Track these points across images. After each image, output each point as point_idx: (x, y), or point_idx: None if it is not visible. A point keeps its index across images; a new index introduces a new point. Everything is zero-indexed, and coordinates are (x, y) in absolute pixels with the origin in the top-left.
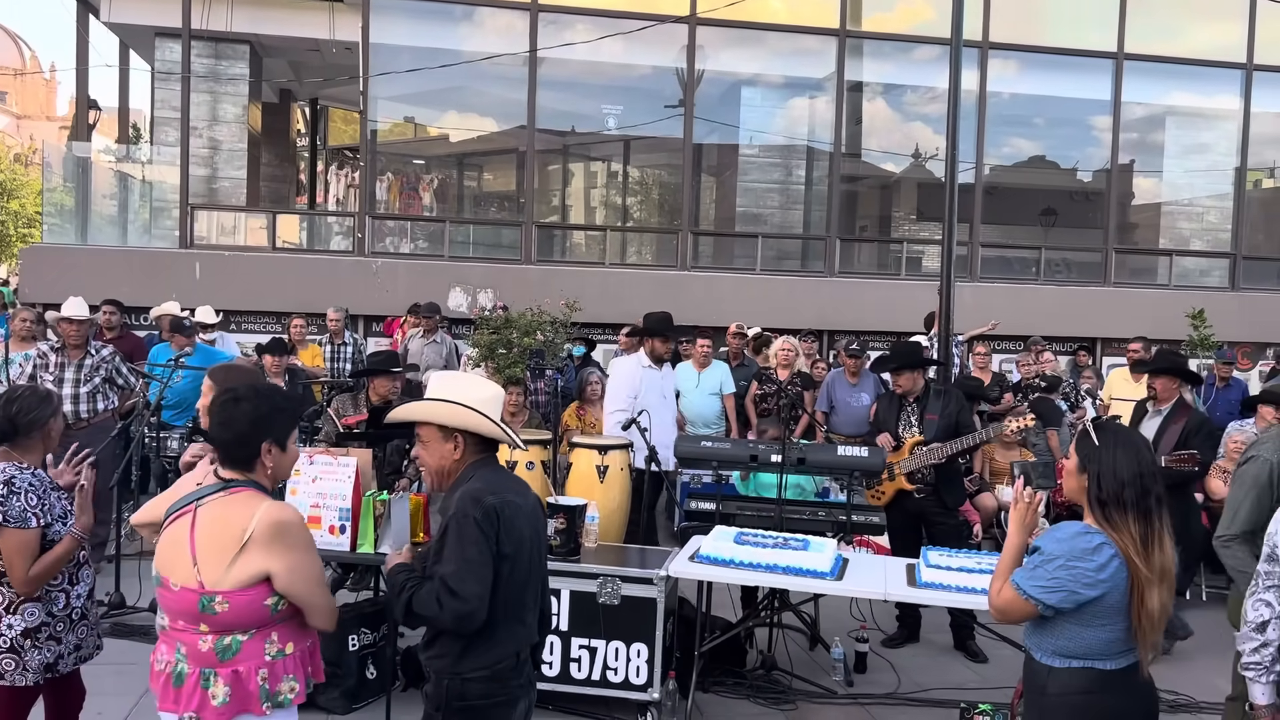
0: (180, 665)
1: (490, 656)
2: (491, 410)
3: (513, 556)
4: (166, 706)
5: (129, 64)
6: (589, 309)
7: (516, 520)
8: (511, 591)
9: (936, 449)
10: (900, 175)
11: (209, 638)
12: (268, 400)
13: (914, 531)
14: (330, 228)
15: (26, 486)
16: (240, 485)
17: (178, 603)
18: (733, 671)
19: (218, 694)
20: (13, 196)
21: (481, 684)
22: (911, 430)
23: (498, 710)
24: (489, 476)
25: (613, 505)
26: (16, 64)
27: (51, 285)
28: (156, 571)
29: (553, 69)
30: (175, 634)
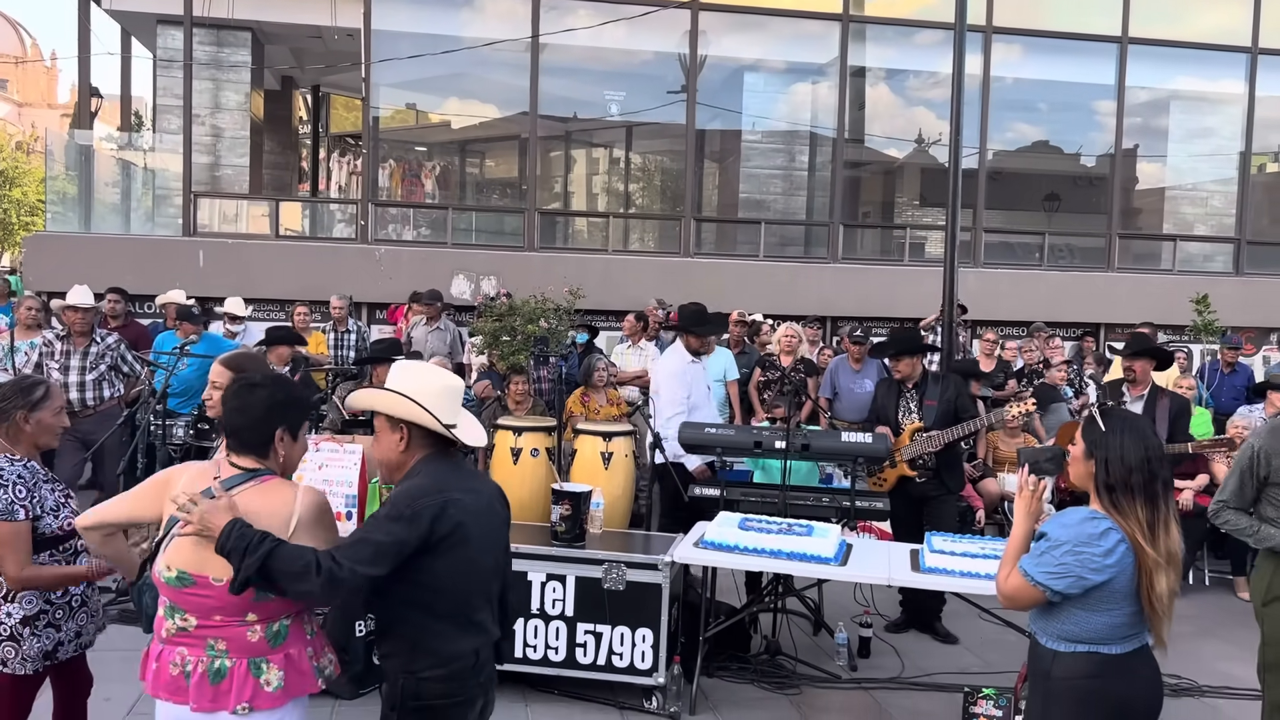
0: (219, 662)
1: (443, 655)
2: (441, 403)
3: (454, 555)
4: (203, 706)
5: (131, 51)
6: (592, 296)
7: (461, 518)
8: (459, 591)
9: (937, 435)
10: (903, 161)
11: (258, 627)
12: (284, 388)
13: (916, 517)
14: (333, 215)
15: (15, 479)
16: (266, 474)
17: (223, 597)
18: (737, 656)
19: (271, 680)
20: (15, 185)
21: (439, 684)
22: (911, 417)
23: (455, 710)
24: (436, 472)
25: (617, 492)
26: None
27: (55, 273)
28: (182, 571)
29: (554, 55)
30: (208, 631)
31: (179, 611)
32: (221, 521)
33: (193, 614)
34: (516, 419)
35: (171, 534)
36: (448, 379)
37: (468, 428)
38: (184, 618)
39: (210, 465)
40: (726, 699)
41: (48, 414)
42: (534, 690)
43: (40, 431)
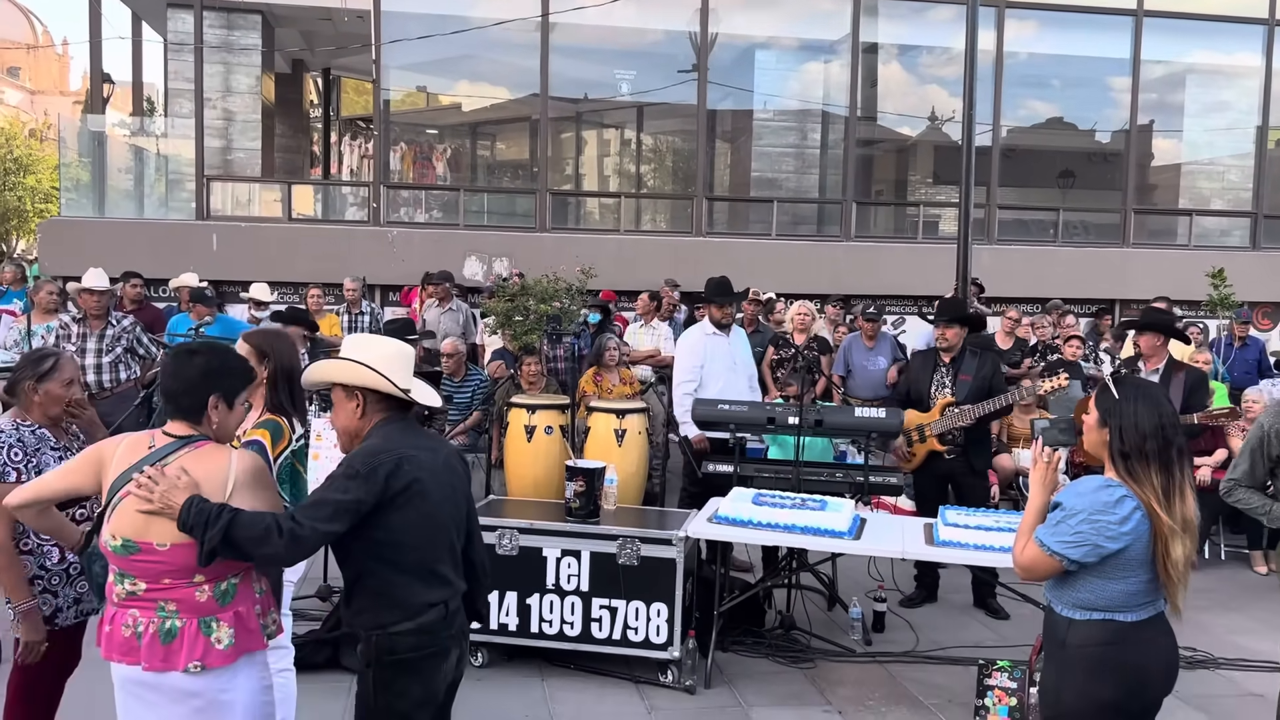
0: (169, 622)
1: (411, 608)
2: (392, 367)
3: (411, 509)
4: (154, 665)
5: (141, 36)
6: (604, 276)
7: (417, 474)
8: (420, 545)
9: (968, 410)
10: (916, 138)
11: (206, 587)
12: (220, 357)
13: (941, 494)
14: (345, 198)
15: (13, 441)
16: (200, 440)
17: (169, 561)
18: (752, 631)
19: (222, 638)
20: (29, 172)
21: (410, 637)
22: (944, 391)
23: (429, 661)
24: (390, 433)
25: (631, 468)
26: (29, 39)
27: (70, 258)
28: (126, 539)
29: (564, 35)
30: (157, 594)
31: (128, 577)
32: (180, 499)
33: (141, 579)
34: (530, 397)
35: (114, 504)
36: (399, 345)
37: (422, 390)
38: (133, 583)
39: (145, 435)
40: (741, 673)
41: (56, 385)
42: (550, 665)
43: (49, 402)
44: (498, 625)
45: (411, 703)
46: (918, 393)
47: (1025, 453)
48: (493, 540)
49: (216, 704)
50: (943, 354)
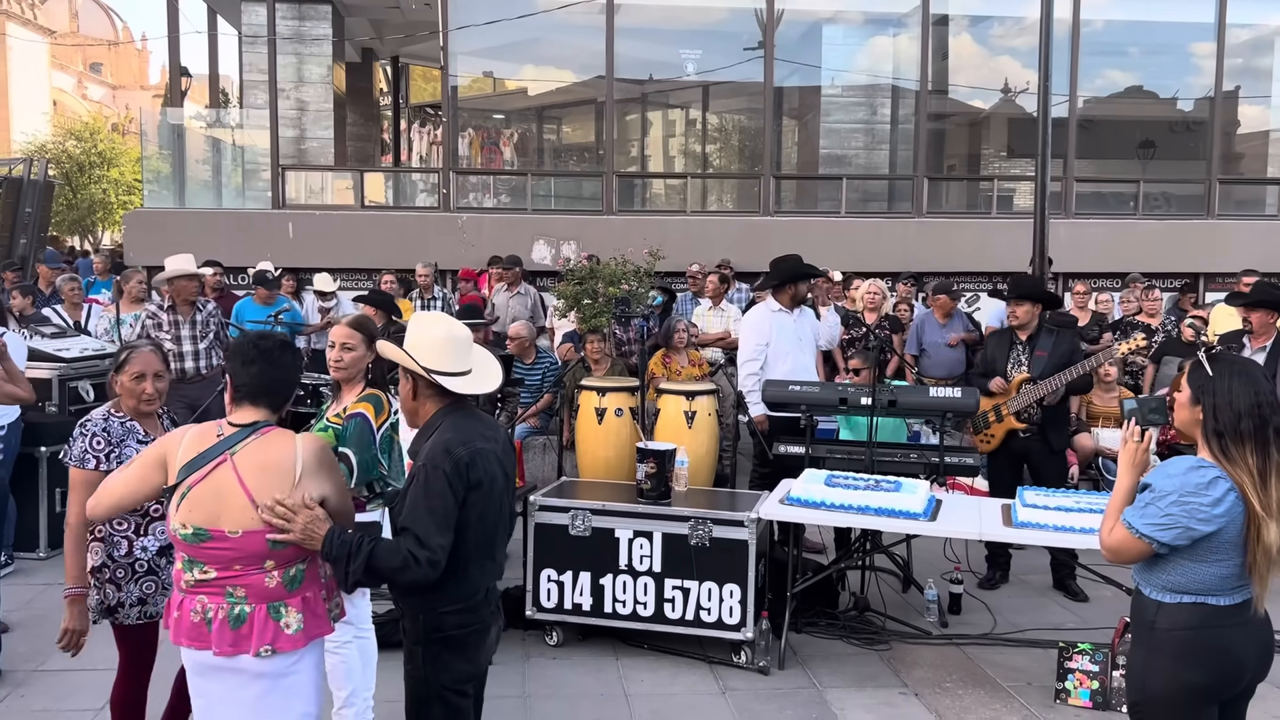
0: (238, 608)
1: (462, 592)
2: (437, 351)
3: (484, 500)
4: (224, 650)
5: (217, 29)
6: (672, 257)
7: (488, 465)
8: (484, 532)
9: (1044, 384)
10: (989, 111)
11: (275, 573)
12: (293, 353)
13: (1017, 474)
14: (415, 185)
15: (98, 430)
16: (265, 425)
17: (241, 548)
18: (825, 613)
19: (291, 623)
20: (112, 165)
21: (457, 615)
22: (1020, 368)
23: (474, 637)
24: (459, 423)
25: (701, 450)
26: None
27: (154, 248)
28: (198, 528)
29: (629, 16)
30: (226, 581)
31: (198, 564)
32: (322, 531)
33: (212, 566)
34: (600, 380)
35: (183, 493)
36: (451, 331)
37: (475, 377)
38: (203, 570)
39: (211, 425)
40: (815, 654)
41: (126, 377)
42: (624, 645)
43: (123, 394)
44: (572, 605)
45: (458, 676)
46: (994, 372)
47: (1105, 432)
48: (565, 521)
49: (284, 685)
50: (1019, 332)
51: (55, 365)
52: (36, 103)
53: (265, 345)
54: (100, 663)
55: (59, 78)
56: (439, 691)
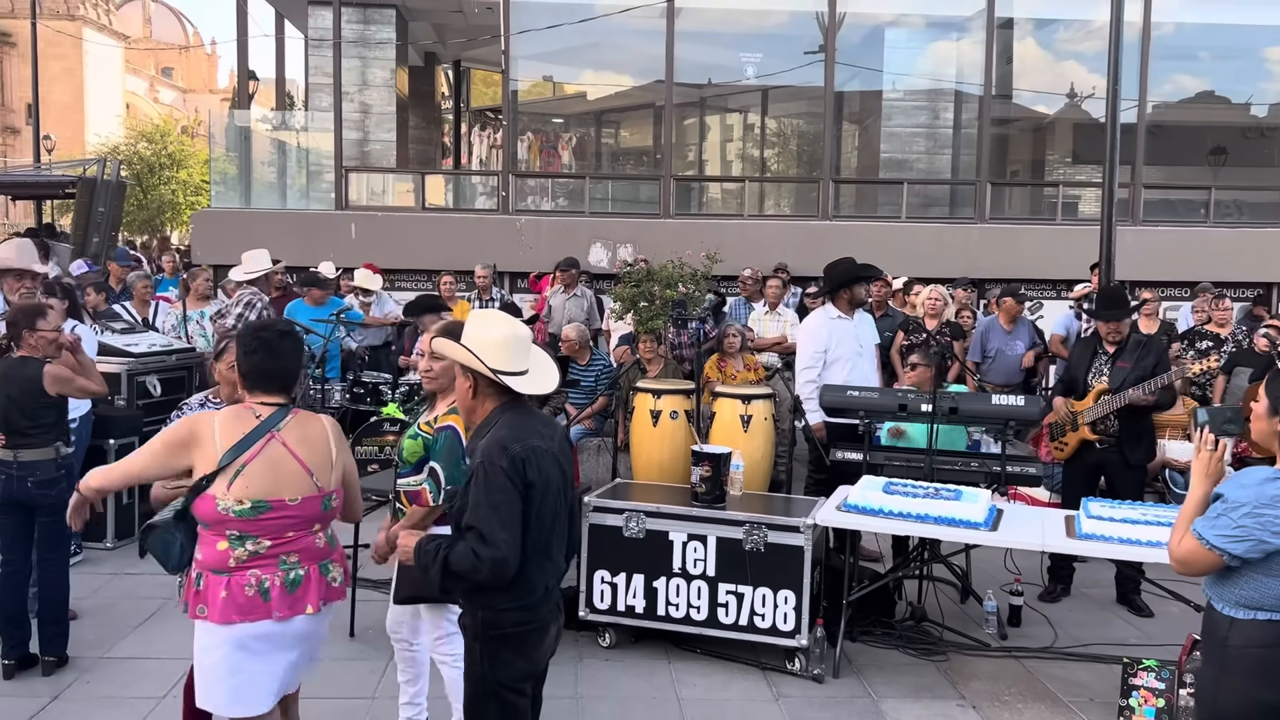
0: (293, 572)
1: (521, 591)
2: (498, 351)
3: (541, 498)
4: (284, 613)
5: (284, 33)
6: (729, 260)
7: (544, 464)
8: (540, 531)
9: (1121, 396)
10: (1055, 116)
11: (321, 535)
12: (297, 341)
13: (1090, 487)
14: (475, 188)
15: (189, 414)
16: (292, 406)
17: (300, 513)
18: (881, 622)
19: (337, 577)
20: (181, 166)
21: (516, 613)
22: (1101, 378)
23: (533, 636)
24: (514, 422)
25: (757, 454)
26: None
27: (220, 247)
28: (257, 500)
29: (689, 20)
30: (279, 549)
31: (250, 538)
32: (412, 543)
33: (265, 537)
34: (656, 381)
35: (238, 471)
36: (512, 330)
37: (533, 377)
38: (255, 542)
39: (242, 408)
40: (871, 663)
41: (223, 365)
42: (676, 648)
43: (222, 381)
44: (625, 607)
45: (515, 674)
46: (1073, 379)
47: (1172, 443)
48: (619, 523)
49: (315, 642)
50: (1106, 342)
51: (124, 360)
52: (110, 106)
53: (265, 335)
54: (165, 651)
55: (132, 81)
56: (495, 689)
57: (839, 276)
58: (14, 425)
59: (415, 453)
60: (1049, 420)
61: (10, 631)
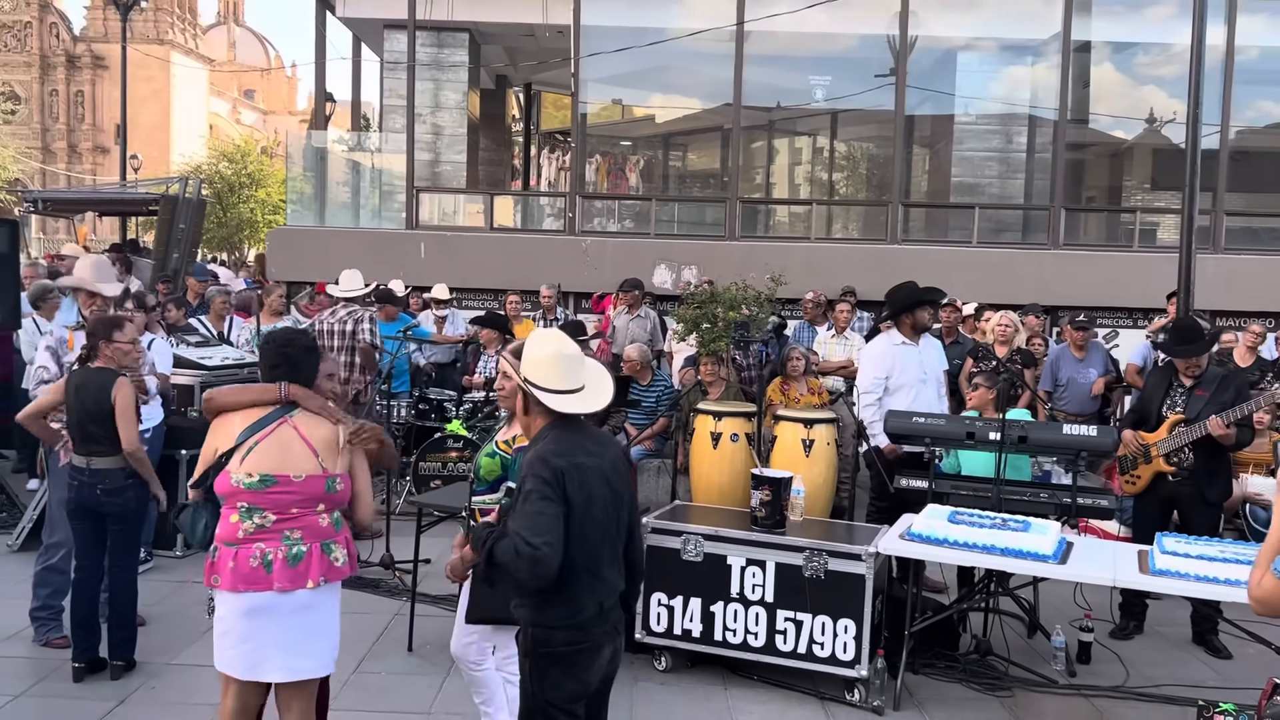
0: (295, 548)
1: (569, 609)
2: (545, 368)
3: (583, 515)
4: (284, 585)
5: (361, 57)
6: (795, 283)
7: (587, 480)
8: (586, 548)
9: (1199, 425)
10: (1132, 141)
11: (326, 515)
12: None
13: (1163, 521)
14: (542, 209)
15: None
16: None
17: (303, 490)
18: (944, 654)
19: (339, 557)
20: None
21: (565, 632)
22: (1176, 409)
23: (582, 656)
24: (561, 438)
25: (819, 480)
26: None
27: (295, 264)
28: (265, 474)
29: (757, 44)
30: (285, 524)
31: (257, 511)
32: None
33: (271, 511)
34: (717, 404)
35: (249, 448)
36: (560, 348)
37: (579, 395)
38: (262, 516)
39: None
40: (933, 696)
41: (318, 377)
42: (733, 674)
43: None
44: (681, 631)
45: (565, 694)
46: (1148, 410)
47: (1254, 478)
48: (677, 545)
49: (325, 616)
50: (1183, 373)
51: (198, 373)
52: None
53: (288, 351)
54: None
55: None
56: (544, 707)
57: (900, 301)
58: (87, 433)
59: (492, 471)
60: (1119, 453)
61: (81, 635)
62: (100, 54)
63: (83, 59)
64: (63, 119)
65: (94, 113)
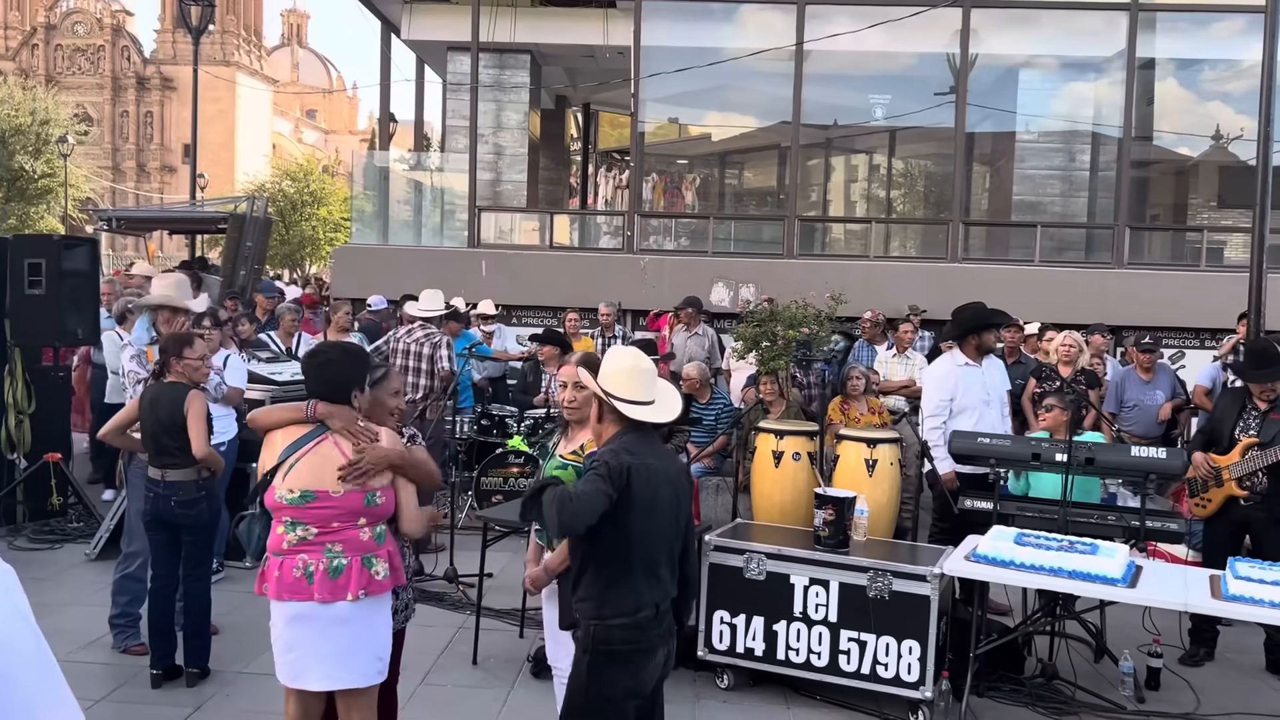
0: (336, 560)
1: (628, 604)
2: (620, 381)
3: (646, 512)
4: (324, 597)
5: (424, 78)
6: (853, 302)
7: (655, 480)
8: (647, 546)
9: (1272, 450)
10: (1198, 159)
11: (367, 529)
12: (355, 358)
13: (1235, 546)
14: (599, 227)
15: None
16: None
17: (343, 505)
18: (1009, 677)
19: (380, 571)
20: (322, 204)
21: (623, 630)
22: (1249, 432)
23: (639, 656)
24: (631, 442)
25: (882, 500)
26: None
27: (359, 281)
28: (304, 490)
29: (815, 63)
30: (327, 537)
31: (300, 524)
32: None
33: (313, 525)
34: (778, 422)
35: (290, 465)
36: (635, 363)
37: (654, 408)
38: (305, 529)
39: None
40: None
41: (384, 394)
42: (795, 694)
43: (375, 409)
44: (744, 649)
45: (620, 692)
46: (1219, 433)
47: None
48: (739, 563)
49: (367, 628)
50: (1257, 399)
51: (269, 388)
52: (259, 146)
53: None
54: None
55: (279, 123)
56: (598, 703)
57: (966, 322)
58: (161, 446)
59: (568, 482)
60: (1188, 475)
61: (157, 643)
62: (169, 76)
63: (152, 81)
64: (132, 139)
65: (162, 132)
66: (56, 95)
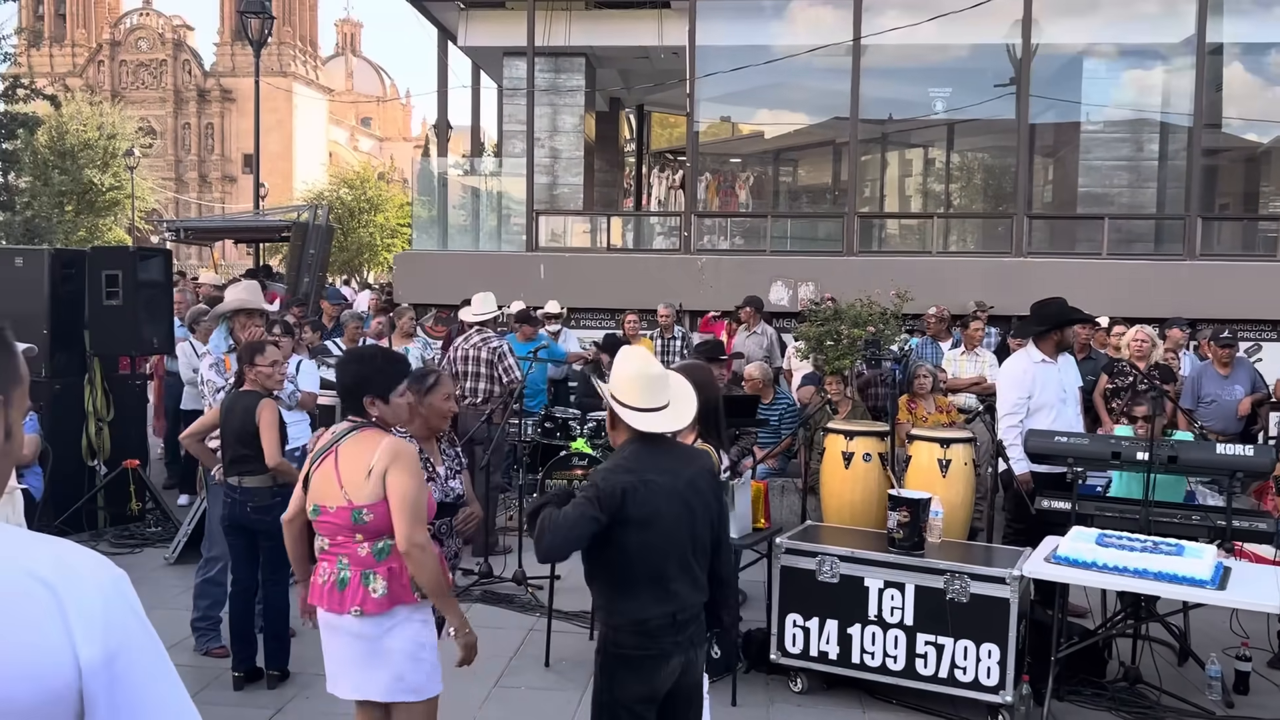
0: (343, 573)
1: (633, 614)
2: (627, 387)
3: (644, 529)
4: (332, 608)
5: (480, 83)
6: (917, 299)
7: (653, 497)
8: (649, 563)
9: None
10: (1269, 145)
11: (365, 544)
12: (370, 364)
13: None
14: (653, 228)
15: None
16: (365, 425)
17: (336, 521)
18: (1091, 681)
19: (377, 588)
20: (378, 210)
21: (632, 635)
22: None
23: (649, 662)
24: (638, 453)
25: (956, 500)
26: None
27: (420, 286)
28: (315, 505)
29: (870, 57)
30: (336, 550)
31: (319, 536)
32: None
33: (325, 536)
34: (847, 423)
35: (307, 476)
36: (640, 366)
37: (662, 414)
38: (321, 540)
39: (344, 424)
40: None
41: (438, 399)
42: (871, 697)
43: (431, 415)
44: (818, 653)
45: (631, 695)
46: None
47: None
48: (812, 566)
49: (379, 647)
50: None
51: (334, 394)
52: (315, 154)
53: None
54: None
55: (335, 131)
56: (612, 705)
57: (1051, 318)
58: (237, 453)
59: None
60: (1276, 473)
61: (238, 646)
62: (228, 88)
63: (212, 93)
64: (194, 150)
65: (223, 143)
66: (122, 110)
